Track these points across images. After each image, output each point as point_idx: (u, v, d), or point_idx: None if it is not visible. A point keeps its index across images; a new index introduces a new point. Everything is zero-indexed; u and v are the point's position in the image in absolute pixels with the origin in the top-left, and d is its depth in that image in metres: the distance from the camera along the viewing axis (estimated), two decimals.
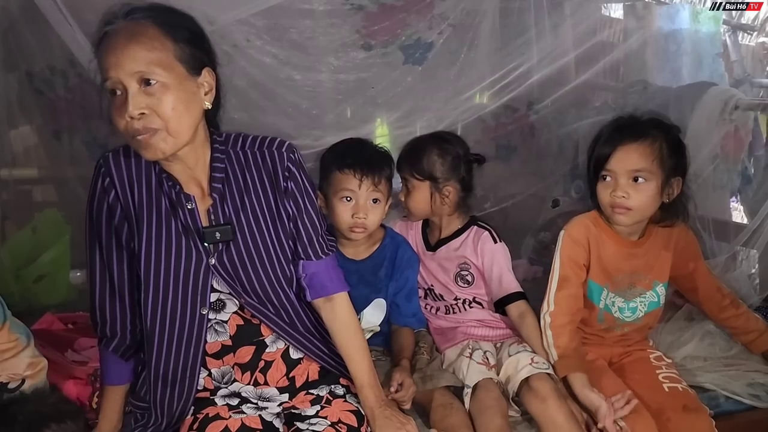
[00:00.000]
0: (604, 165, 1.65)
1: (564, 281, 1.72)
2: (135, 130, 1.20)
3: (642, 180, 1.62)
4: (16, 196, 2.35)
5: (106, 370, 1.47)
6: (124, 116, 1.20)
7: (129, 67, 1.18)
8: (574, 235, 1.74)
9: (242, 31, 1.93)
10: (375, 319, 1.81)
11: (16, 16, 2.08)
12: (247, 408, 1.41)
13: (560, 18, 2.16)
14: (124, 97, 1.20)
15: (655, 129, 1.65)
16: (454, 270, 1.83)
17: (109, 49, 1.20)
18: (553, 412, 1.54)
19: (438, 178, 1.78)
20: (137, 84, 1.19)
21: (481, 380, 1.62)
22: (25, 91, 2.21)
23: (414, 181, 1.79)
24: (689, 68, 2.46)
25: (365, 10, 2.02)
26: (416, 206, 1.81)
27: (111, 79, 1.20)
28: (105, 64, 1.20)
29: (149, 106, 1.19)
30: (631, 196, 1.63)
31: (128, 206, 1.33)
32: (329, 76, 2.12)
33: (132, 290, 1.38)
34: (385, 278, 1.80)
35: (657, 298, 1.77)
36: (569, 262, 1.72)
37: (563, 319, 1.69)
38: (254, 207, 1.37)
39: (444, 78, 2.20)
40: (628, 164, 1.62)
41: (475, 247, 1.81)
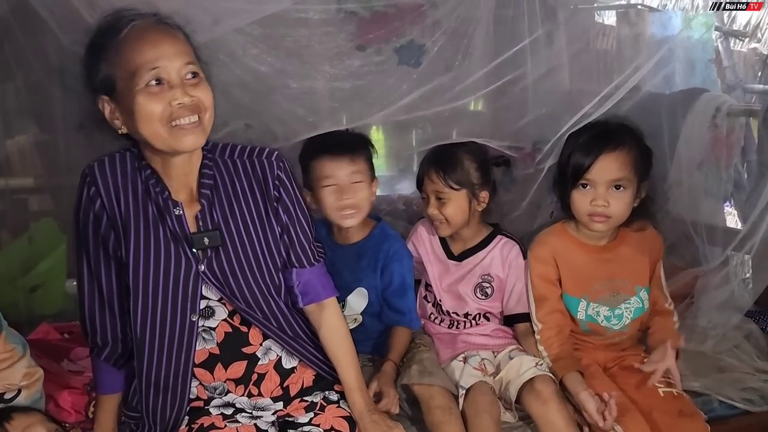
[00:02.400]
0: (583, 174, 1.67)
1: (541, 300, 1.76)
2: (178, 116, 1.23)
3: (622, 188, 1.65)
4: (11, 206, 2.35)
5: (100, 380, 1.47)
6: (165, 102, 1.22)
7: (180, 57, 1.24)
8: (538, 255, 1.77)
9: (238, 40, 1.93)
10: (357, 307, 1.80)
11: (10, 24, 2.08)
12: (241, 417, 1.41)
13: (554, 25, 2.17)
14: (164, 86, 1.22)
15: (628, 136, 1.68)
16: (476, 281, 1.82)
17: (153, 40, 1.23)
18: (553, 414, 1.55)
19: (475, 185, 1.76)
20: (184, 74, 1.24)
21: (476, 383, 1.62)
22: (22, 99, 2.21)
23: (450, 192, 1.75)
24: (682, 74, 2.47)
25: (358, 16, 2.03)
26: (455, 216, 1.77)
27: (160, 67, 1.22)
28: (148, 54, 1.22)
29: (195, 95, 1.24)
30: (610, 204, 1.65)
31: (114, 215, 1.33)
32: (324, 83, 2.12)
33: (121, 299, 1.39)
34: (367, 268, 1.79)
35: (641, 304, 1.79)
36: (540, 281, 1.76)
37: (551, 332, 1.73)
38: (243, 214, 1.38)
39: (439, 85, 2.20)
40: (610, 174, 1.65)
41: (504, 259, 1.81)
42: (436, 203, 1.78)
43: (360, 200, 1.70)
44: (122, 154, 1.36)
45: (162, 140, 1.25)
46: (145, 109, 1.22)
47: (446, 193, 1.75)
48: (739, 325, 2.04)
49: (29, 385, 1.49)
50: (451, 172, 1.75)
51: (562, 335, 1.74)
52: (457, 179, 1.75)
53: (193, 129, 1.25)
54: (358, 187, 1.71)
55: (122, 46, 1.23)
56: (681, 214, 2.13)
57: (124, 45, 1.23)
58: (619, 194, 1.66)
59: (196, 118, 1.25)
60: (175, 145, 1.25)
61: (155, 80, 1.22)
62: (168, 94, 1.22)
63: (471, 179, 1.76)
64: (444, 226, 1.79)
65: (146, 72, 1.21)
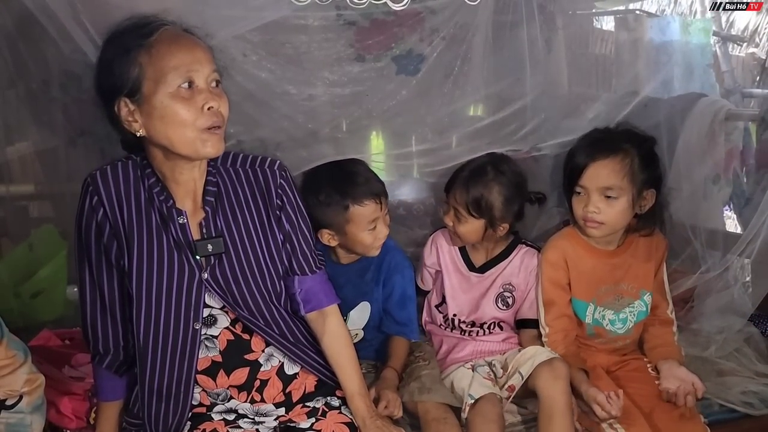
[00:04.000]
0: (576, 180, 1.68)
1: (550, 305, 1.77)
2: (209, 121, 1.24)
3: (613, 196, 1.65)
4: (12, 212, 2.35)
5: (101, 387, 1.48)
6: (198, 107, 1.23)
7: (210, 65, 1.27)
8: (550, 259, 1.78)
9: (239, 46, 1.94)
10: (360, 321, 1.81)
11: (12, 32, 2.09)
12: (243, 423, 1.42)
13: (553, 31, 2.18)
14: (193, 91, 1.24)
15: (627, 143, 1.69)
16: (497, 291, 1.83)
17: (183, 46, 1.25)
18: (559, 391, 1.56)
19: (496, 218, 1.74)
20: (210, 81, 1.26)
21: (487, 394, 1.62)
22: (22, 106, 2.22)
23: (468, 216, 1.74)
24: (680, 79, 2.48)
25: (357, 26, 2.04)
26: (467, 236, 1.77)
27: (195, 71, 1.23)
28: (184, 57, 1.23)
29: (219, 103, 1.26)
30: (602, 211, 1.67)
31: (117, 224, 1.33)
32: (324, 89, 2.13)
33: (123, 307, 1.39)
34: (371, 282, 1.80)
35: (645, 308, 1.80)
36: (550, 286, 1.77)
37: (557, 335, 1.75)
38: (246, 222, 1.38)
39: (438, 91, 2.21)
40: (599, 181, 1.66)
41: (525, 269, 1.81)
42: (453, 217, 1.78)
43: (387, 232, 1.73)
44: (124, 163, 1.36)
45: (188, 144, 1.25)
46: (177, 113, 1.23)
47: (464, 216, 1.75)
48: (740, 328, 2.04)
49: (31, 391, 1.49)
50: (475, 201, 1.73)
51: (569, 339, 1.76)
52: (478, 209, 1.73)
53: (219, 137, 1.27)
54: (387, 219, 1.73)
55: (153, 49, 1.23)
56: (680, 218, 2.13)
57: (156, 47, 1.23)
58: (610, 202, 1.67)
59: (220, 125, 1.27)
60: (201, 150, 1.26)
61: (187, 83, 1.23)
62: (199, 99, 1.24)
63: (493, 212, 1.74)
64: (456, 238, 1.81)
65: (179, 75, 1.22)
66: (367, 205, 1.66)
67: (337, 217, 1.67)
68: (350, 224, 1.67)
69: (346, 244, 1.72)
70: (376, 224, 1.69)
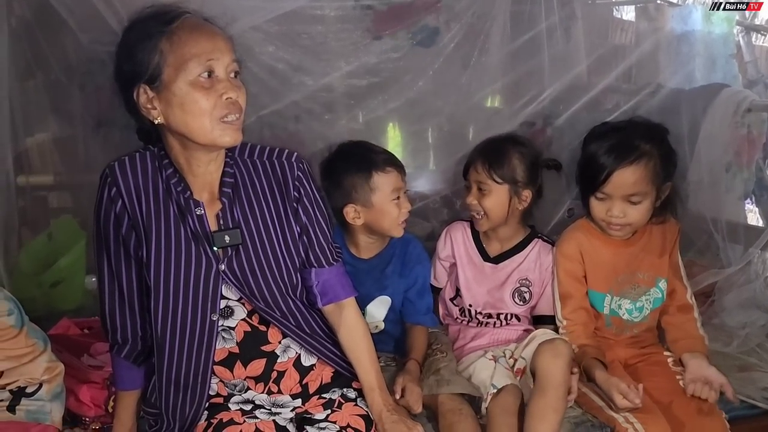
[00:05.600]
0: (598, 187, 1.66)
1: (566, 297, 1.76)
2: (227, 110, 1.24)
3: (637, 201, 1.64)
4: (32, 203, 2.37)
5: (119, 376, 1.48)
6: (217, 95, 1.23)
7: (231, 54, 1.26)
8: (566, 252, 1.77)
9: (255, 37, 1.94)
10: (379, 315, 1.80)
11: (30, 23, 2.10)
12: (260, 413, 1.42)
13: (572, 21, 2.15)
14: (213, 80, 1.24)
15: (647, 142, 1.65)
16: (513, 286, 1.82)
17: (204, 34, 1.24)
18: (557, 369, 1.55)
19: (519, 182, 1.75)
20: (230, 71, 1.26)
21: (509, 385, 1.62)
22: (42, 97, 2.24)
23: (492, 184, 1.74)
24: (702, 70, 2.45)
25: (375, 9, 2.04)
26: (493, 209, 1.75)
27: (216, 59, 1.23)
28: (205, 45, 1.23)
29: (237, 93, 1.26)
30: (626, 214, 1.65)
31: (136, 215, 1.33)
32: (341, 80, 2.13)
33: (141, 297, 1.39)
34: (392, 275, 1.80)
35: (661, 294, 1.78)
36: (566, 278, 1.76)
37: (577, 328, 1.74)
38: (263, 213, 1.38)
39: (455, 82, 2.20)
40: (624, 189, 1.64)
41: (540, 263, 1.81)
42: (477, 193, 1.77)
43: (409, 207, 1.73)
44: (142, 154, 1.36)
45: (206, 134, 1.25)
46: (196, 101, 1.23)
47: (488, 185, 1.75)
48: (763, 323, 2.02)
49: (50, 379, 1.51)
50: (497, 165, 1.74)
51: (588, 330, 1.75)
52: (501, 173, 1.74)
53: (237, 127, 1.27)
54: (408, 197, 1.74)
55: (175, 36, 1.22)
56: (701, 211, 2.11)
57: (177, 34, 1.23)
58: (635, 206, 1.66)
59: (238, 115, 1.27)
60: (218, 140, 1.26)
61: (207, 72, 1.23)
62: (218, 87, 1.23)
63: (515, 176, 1.75)
64: (483, 220, 1.78)
65: (200, 63, 1.22)
66: (389, 172, 1.68)
67: (362, 187, 1.68)
68: (375, 193, 1.68)
69: (371, 219, 1.71)
70: (399, 195, 1.69)
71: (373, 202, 1.68)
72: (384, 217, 1.70)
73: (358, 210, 1.70)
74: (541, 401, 1.53)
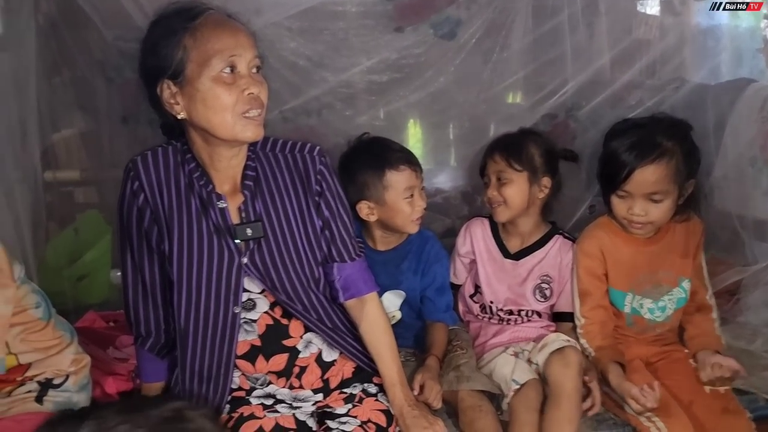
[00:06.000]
0: (619, 185, 1.64)
1: (585, 295, 1.74)
2: (248, 106, 1.25)
3: (659, 199, 1.63)
4: (59, 198, 2.41)
5: (143, 368, 1.51)
6: (239, 91, 1.25)
7: (253, 50, 1.28)
8: (586, 249, 1.75)
9: (277, 33, 1.96)
10: (392, 306, 1.80)
11: (57, 20, 2.13)
12: (281, 407, 1.43)
13: (595, 15, 2.13)
14: (235, 75, 1.25)
15: (669, 139, 1.62)
16: (535, 282, 1.81)
17: (227, 30, 1.26)
18: (567, 378, 1.56)
19: (537, 169, 1.76)
20: (252, 67, 1.27)
21: (531, 380, 1.62)
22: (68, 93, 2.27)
23: (512, 173, 1.75)
24: (728, 65, 2.40)
25: (396, 2, 2.04)
26: (514, 198, 1.75)
27: (237, 55, 1.25)
28: (227, 41, 1.25)
29: (259, 89, 1.27)
30: (648, 213, 1.63)
31: (158, 209, 1.35)
32: (361, 76, 2.13)
33: (164, 291, 1.42)
34: (407, 271, 1.80)
35: (684, 294, 1.76)
36: (586, 276, 1.74)
37: (594, 327, 1.73)
38: (285, 206, 1.39)
39: (476, 77, 2.19)
40: (645, 188, 1.62)
41: (562, 261, 1.80)
42: (496, 184, 1.77)
43: (425, 206, 1.74)
44: (164, 149, 1.38)
45: (228, 129, 1.26)
46: (218, 97, 1.24)
47: (507, 174, 1.75)
48: None
49: (77, 371, 1.53)
50: (515, 154, 1.75)
51: (606, 330, 1.73)
52: (519, 160, 1.75)
53: (258, 122, 1.28)
54: (423, 194, 1.74)
55: (198, 32, 1.24)
56: (727, 208, 2.07)
57: (201, 30, 1.24)
58: (657, 204, 1.64)
59: (261, 111, 1.28)
60: (239, 135, 1.27)
61: (229, 68, 1.24)
62: (240, 83, 1.25)
63: (534, 163, 1.76)
64: (502, 208, 1.77)
65: (223, 58, 1.23)
66: (403, 171, 1.68)
67: (375, 185, 1.68)
68: (388, 191, 1.68)
69: (385, 216, 1.72)
70: (413, 193, 1.69)
71: (385, 200, 1.69)
72: (396, 214, 1.70)
73: (371, 207, 1.71)
74: (556, 413, 1.54)
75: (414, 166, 1.71)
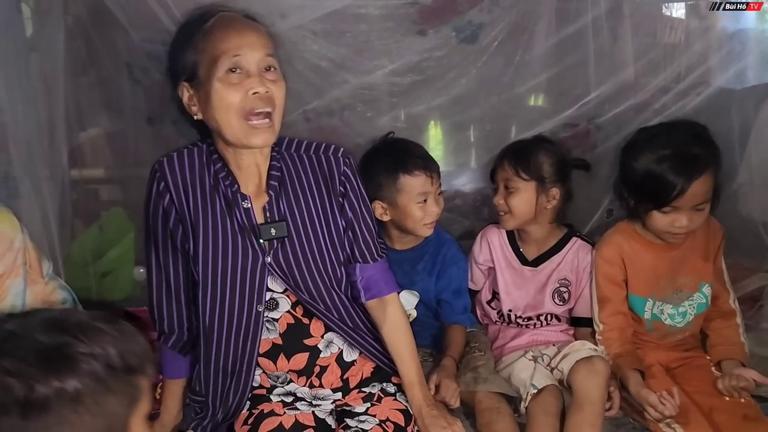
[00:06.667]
0: (670, 202, 1.60)
1: (604, 301, 1.73)
2: (252, 106, 1.25)
3: (702, 208, 1.61)
4: (84, 195, 2.45)
5: (166, 365, 1.53)
6: (243, 91, 1.24)
7: (263, 49, 1.27)
8: (606, 255, 1.74)
9: (300, 35, 1.97)
10: (408, 305, 1.80)
11: (85, 21, 2.17)
12: (301, 405, 1.44)
13: (618, 19, 2.12)
14: (242, 75, 1.25)
15: (702, 149, 1.60)
16: (553, 286, 1.81)
17: (239, 29, 1.27)
18: (595, 386, 1.55)
19: (545, 179, 1.74)
20: (262, 66, 1.26)
21: (549, 385, 1.61)
22: (94, 93, 2.31)
23: (519, 181, 1.73)
24: (755, 69, 2.37)
25: (420, 3, 2.05)
26: (520, 207, 1.74)
27: (242, 55, 1.24)
28: (234, 41, 1.25)
29: (270, 88, 1.26)
30: (692, 221, 1.62)
31: (183, 209, 1.36)
32: (384, 78, 2.14)
33: (187, 289, 1.43)
34: (422, 272, 1.80)
35: (705, 299, 1.75)
36: (605, 282, 1.73)
37: (613, 333, 1.72)
38: (309, 207, 1.40)
39: (498, 80, 2.19)
40: (696, 200, 1.60)
41: (580, 264, 1.79)
42: (503, 192, 1.76)
43: (439, 212, 1.74)
44: (190, 150, 1.40)
45: (233, 132, 1.28)
46: (223, 97, 1.25)
47: (515, 182, 1.74)
48: None
49: None
50: (524, 163, 1.73)
51: (624, 336, 1.72)
52: (527, 170, 1.73)
53: (265, 129, 1.27)
54: (440, 200, 1.74)
55: (209, 34, 1.26)
56: (751, 213, 2.05)
57: (211, 32, 1.26)
58: (700, 213, 1.63)
59: (269, 111, 1.27)
60: (245, 140, 1.28)
61: (235, 68, 1.25)
62: (246, 83, 1.25)
63: (542, 173, 1.73)
64: (508, 216, 1.77)
65: (228, 59, 1.24)
66: (417, 176, 1.68)
67: (388, 187, 1.69)
68: (401, 195, 1.69)
69: (397, 218, 1.73)
70: (426, 198, 1.69)
71: (398, 202, 1.70)
72: (407, 217, 1.71)
73: (384, 207, 1.72)
74: (579, 417, 1.53)
75: (430, 172, 1.70)
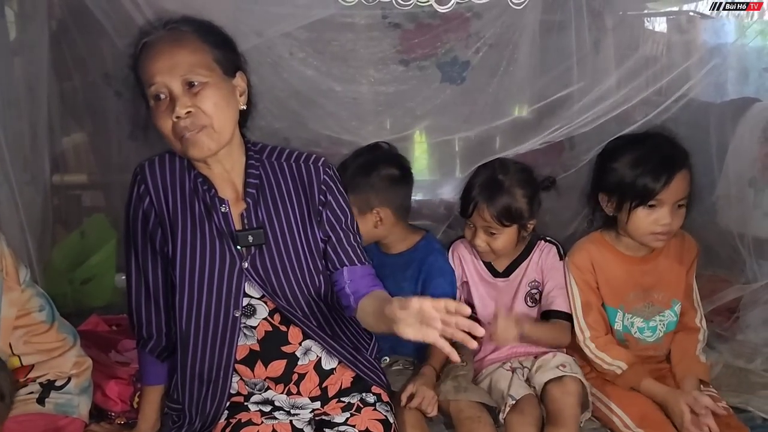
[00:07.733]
0: (654, 196, 1.63)
1: (587, 306, 1.75)
2: (182, 129, 1.27)
3: (683, 203, 1.64)
4: (66, 201, 2.44)
5: (144, 371, 1.53)
6: (171, 117, 1.27)
7: (175, 71, 1.27)
8: (577, 262, 1.77)
9: (286, 44, 1.98)
10: None
11: (69, 26, 2.16)
12: (279, 414, 1.44)
13: (601, 32, 2.14)
14: (168, 100, 1.27)
15: (681, 151, 1.67)
16: (525, 290, 1.83)
17: (153, 56, 1.28)
18: (567, 405, 1.57)
19: (525, 219, 1.75)
20: (182, 86, 1.27)
21: (527, 395, 1.62)
22: (78, 98, 2.30)
23: (501, 228, 1.73)
24: (735, 83, 2.41)
25: (402, 28, 2.06)
26: (505, 248, 1.76)
27: (157, 84, 1.27)
28: (150, 71, 1.27)
29: (195, 104, 1.27)
30: (673, 222, 1.64)
31: (162, 212, 1.37)
32: (369, 87, 2.15)
33: (166, 294, 1.43)
34: (409, 278, 1.82)
35: (675, 318, 1.77)
36: (585, 286, 1.75)
37: (604, 339, 1.73)
38: (288, 215, 1.40)
39: (482, 92, 2.20)
40: (678, 193, 1.63)
41: (544, 263, 1.81)
42: (485, 237, 1.76)
43: None
44: (172, 155, 1.41)
45: (178, 150, 1.32)
46: (157, 124, 1.30)
47: (497, 229, 1.74)
48: None
49: (79, 373, 1.55)
50: (504, 211, 1.72)
51: (614, 341, 1.74)
52: (509, 217, 1.73)
53: (199, 138, 1.28)
54: None
55: (138, 62, 1.31)
56: (728, 226, 2.07)
57: (139, 60, 1.31)
58: (680, 211, 1.66)
59: (203, 125, 1.28)
60: (189, 155, 1.31)
61: (158, 95, 1.28)
62: (172, 107, 1.27)
63: (522, 214, 1.74)
64: (489, 254, 1.80)
65: (150, 88, 1.28)
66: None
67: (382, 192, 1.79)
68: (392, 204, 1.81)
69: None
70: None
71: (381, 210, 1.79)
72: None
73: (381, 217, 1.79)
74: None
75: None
